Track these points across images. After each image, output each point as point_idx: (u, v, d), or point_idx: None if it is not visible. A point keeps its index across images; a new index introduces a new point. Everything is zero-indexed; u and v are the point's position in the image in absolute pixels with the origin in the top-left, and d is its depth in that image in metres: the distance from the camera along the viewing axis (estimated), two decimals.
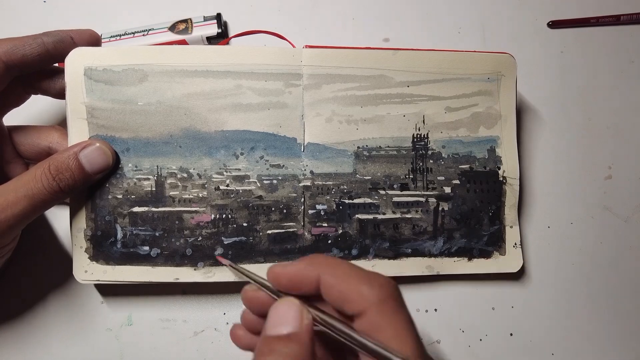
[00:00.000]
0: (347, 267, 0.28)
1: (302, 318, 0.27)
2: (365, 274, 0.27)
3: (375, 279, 0.27)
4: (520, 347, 0.44)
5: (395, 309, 0.26)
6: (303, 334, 0.26)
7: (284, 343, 0.26)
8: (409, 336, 0.25)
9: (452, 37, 0.50)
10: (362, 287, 0.26)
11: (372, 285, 0.26)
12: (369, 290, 0.26)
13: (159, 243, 0.39)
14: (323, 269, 0.28)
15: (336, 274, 0.27)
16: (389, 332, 0.25)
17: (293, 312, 0.27)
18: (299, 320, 0.27)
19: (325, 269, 0.27)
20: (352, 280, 0.27)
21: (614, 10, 0.52)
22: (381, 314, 0.25)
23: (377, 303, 0.26)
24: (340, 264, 0.28)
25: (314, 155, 0.40)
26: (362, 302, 0.26)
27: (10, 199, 0.32)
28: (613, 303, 0.46)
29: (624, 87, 0.50)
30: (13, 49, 0.34)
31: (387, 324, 0.25)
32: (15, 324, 0.42)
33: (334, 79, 0.40)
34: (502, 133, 0.43)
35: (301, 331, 0.26)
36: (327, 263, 0.28)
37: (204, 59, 0.39)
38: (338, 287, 0.27)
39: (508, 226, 0.43)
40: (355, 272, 0.27)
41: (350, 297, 0.26)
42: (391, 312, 0.26)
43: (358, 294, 0.26)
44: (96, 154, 0.36)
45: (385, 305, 0.26)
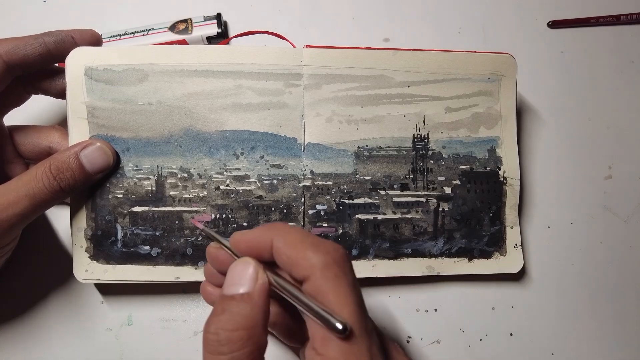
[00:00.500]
0: (297, 234, 0.28)
1: (256, 279, 0.28)
2: (313, 240, 0.28)
3: (322, 245, 0.27)
4: (520, 347, 0.44)
5: (339, 274, 0.26)
6: (256, 294, 0.27)
7: (236, 302, 0.27)
8: (350, 300, 0.26)
9: (452, 37, 0.50)
10: (307, 252, 0.27)
11: (317, 250, 0.27)
12: (313, 255, 0.26)
13: (159, 242, 0.39)
14: (276, 235, 0.28)
15: (286, 240, 0.28)
16: (330, 296, 0.26)
17: (248, 273, 0.28)
18: (253, 281, 0.27)
19: (278, 235, 0.28)
20: (300, 246, 0.27)
21: (614, 10, 0.52)
22: (324, 279, 0.26)
23: (321, 268, 0.26)
24: (292, 231, 0.28)
25: (314, 155, 0.40)
26: (307, 267, 0.26)
27: (11, 199, 0.32)
28: (613, 303, 0.46)
29: (624, 87, 0.50)
30: (14, 48, 0.35)
31: (329, 288, 0.26)
32: (15, 323, 0.42)
33: (334, 79, 0.40)
34: (502, 133, 0.43)
35: (254, 291, 0.27)
36: (280, 229, 0.28)
37: (204, 59, 0.39)
38: (286, 252, 0.27)
39: (508, 227, 0.43)
40: (304, 238, 0.28)
41: (297, 262, 0.27)
42: (334, 277, 0.26)
43: (304, 259, 0.27)
44: (97, 153, 0.36)
45: (328, 271, 0.26)
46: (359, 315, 0.26)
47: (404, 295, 0.44)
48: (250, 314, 0.26)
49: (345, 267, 0.27)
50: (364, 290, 0.43)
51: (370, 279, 0.41)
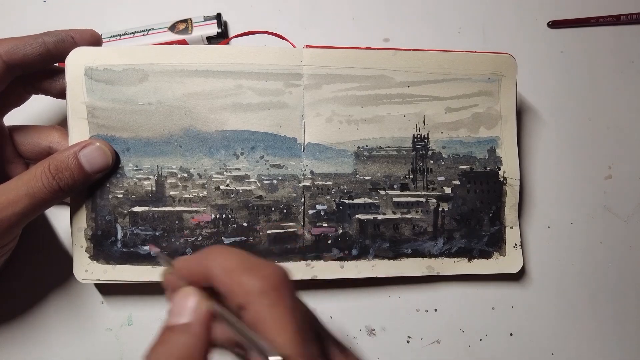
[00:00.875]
0: (234, 259, 0.27)
1: (196, 309, 0.27)
2: (251, 264, 0.27)
3: (260, 269, 0.26)
4: (520, 347, 0.44)
5: (276, 301, 0.25)
6: (196, 325, 0.26)
7: (175, 333, 0.26)
8: (288, 328, 0.25)
9: (452, 37, 0.50)
10: (243, 278, 0.26)
11: (253, 276, 0.26)
12: (249, 281, 0.25)
13: (159, 243, 0.39)
14: (212, 261, 0.27)
15: (222, 266, 0.27)
16: (268, 323, 0.25)
17: (189, 303, 0.27)
18: (193, 311, 0.27)
19: (214, 261, 0.27)
20: (236, 272, 0.26)
21: (614, 10, 0.52)
22: (261, 306, 0.25)
23: (257, 295, 0.25)
24: (228, 256, 0.27)
25: (314, 155, 0.40)
26: (243, 294, 0.25)
27: (11, 198, 0.32)
28: (613, 303, 0.46)
29: (624, 87, 0.50)
30: (14, 48, 0.35)
31: (266, 315, 0.25)
32: (15, 323, 0.42)
33: (334, 79, 0.40)
34: (502, 133, 0.43)
35: (193, 322, 0.26)
36: (217, 254, 0.27)
37: (204, 59, 0.39)
38: (223, 279, 0.26)
39: (508, 227, 0.43)
40: (241, 263, 0.27)
41: (233, 289, 0.26)
42: (271, 304, 0.25)
43: (240, 286, 0.26)
44: (96, 153, 0.36)
45: (265, 297, 0.25)
46: (298, 343, 0.25)
47: (404, 295, 0.44)
48: (188, 345, 0.26)
49: (284, 291, 0.26)
50: (364, 291, 0.44)
51: (370, 279, 0.41)
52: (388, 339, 0.43)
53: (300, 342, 0.25)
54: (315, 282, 0.43)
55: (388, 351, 0.43)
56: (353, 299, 0.44)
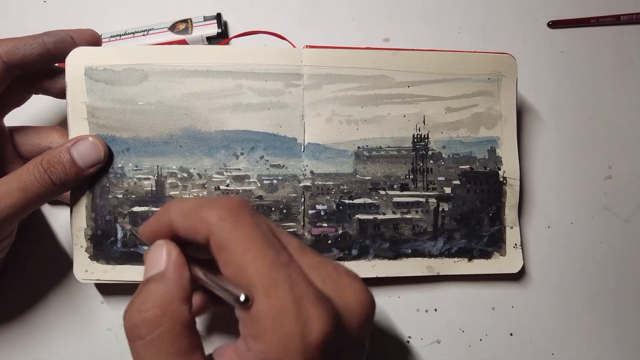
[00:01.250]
0: (191, 202, 0.27)
1: (168, 256, 0.27)
2: (208, 201, 0.27)
3: (216, 201, 0.26)
4: (520, 347, 0.44)
5: (237, 223, 0.25)
6: (169, 270, 0.26)
7: (151, 283, 0.26)
8: (254, 245, 0.24)
9: (452, 37, 0.50)
10: (202, 212, 0.26)
11: (211, 207, 0.26)
12: (208, 213, 0.25)
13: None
14: (171, 212, 0.27)
15: (181, 211, 0.27)
16: (233, 245, 0.24)
17: (160, 254, 0.27)
18: (165, 259, 0.27)
19: (173, 211, 0.27)
20: (195, 211, 0.26)
21: (614, 10, 0.52)
22: (222, 233, 0.25)
23: (218, 222, 0.25)
24: (186, 201, 0.27)
25: (314, 156, 0.40)
26: (205, 227, 0.25)
27: (3, 191, 0.32)
28: (613, 303, 0.46)
29: (624, 87, 0.50)
30: (14, 49, 0.35)
31: (229, 241, 0.24)
32: (15, 323, 0.42)
33: (334, 79, 0.40)
34: (502, 133, 0.43)
35: (168, 268, 0.27)
36: (175, 204, 0.27)
37: (204, 59, 0.39)
38: (183, 223, 0.26)
39: (508, 227, 0.43)
40: (198, 202, 0.27)
41: (195, 227, 0.26)
42: (232, 227, 0.25)
43: (200, 221, 0.26)
44: (88, 148, 0.36)
45: (225, 223, 0.25)
46: (267, 265, 0.24)
47: (404, 295, 0.44)
48: (162, 291, 0.26)
49: (242, 213, 0.26)
50: None
51: (370, 279, 0.41)
52: (388, 339, 0.43)
53: (269, 263, 0.24)
54: None
55: (388, 351, 0.43)
56: None
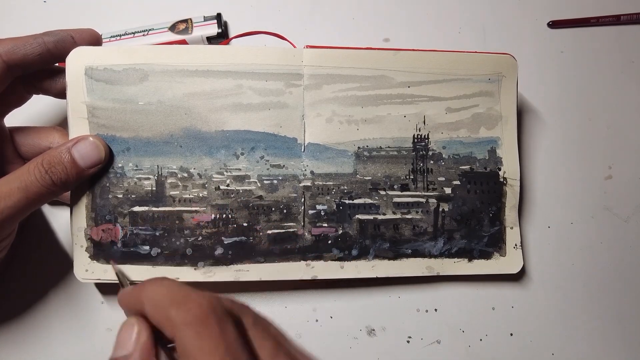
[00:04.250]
0: (163, 292, 0.26)
1: (137, 340, 0.26)
2: (180, 296, 0.26)
3: (186, 301, 0.25)
4: (520, 347, 0.44)
5: (201, 332, 0.24)
6: (134, 357, 0.26)
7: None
8: (213, 358, 0.24)
9: (453, 37, 0.50)
10: (171, 311, 0.25)
11: (179, 308, 0.25)
12: (176, 314, 0.25)
13: (159, 243, 0.39)
14: (145, 295, 0.27)
15: (153, 301, 0.26)
16: (194, 355, 0.24)
17: (131, 334, 0.27)
18: (133, 343, 0.26)
19: (146, 297, 0.27)
20: (165, 306, 0.25)
21: (614, 10, 0.52)
22: (186, 339, 0.24)
23: (182, 327, 0.24)
24: (158, 290, 0.26)
25: (315, 156, 0.40)
26: (171, 328, 0.25)
27: (4, 191, 0.32)
28: (613, 303, 0.46)
29: (624, 87, 0.50)
30: (14, 48, 0.34)
31: (191, 348, 0.24)
32: (15, 323, 0.42)
33: (334, 79, 0.40)
34: (502, 134, 0.43)
35: (134, 354, 0.26)
36: (149, 289, 0.27)
37: (205, 59, 0.39)
38: (153, 315, 0.26)
39: (508, 227, 0.43)
40: (169, 295, 0.26)
41: (163, 324, 0.25)
42: (196, 336, 0.24)
43: (167, 320, 0.25)
44: (89, 148, 0.36)
45: (190, 329, 0.24)
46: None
47: (404, 295, 0.44)
48: None
49: (209, 321, 0.25)
50: (364, 291, 0.44)
51: (370, 279, 0.41)
52: (388, 339, 0.43)
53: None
54: (315, 282, 0.43)
55: (388, 351, 0.43)
56: (353, 299, 0.44)
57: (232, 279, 0.39)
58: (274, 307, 0.43)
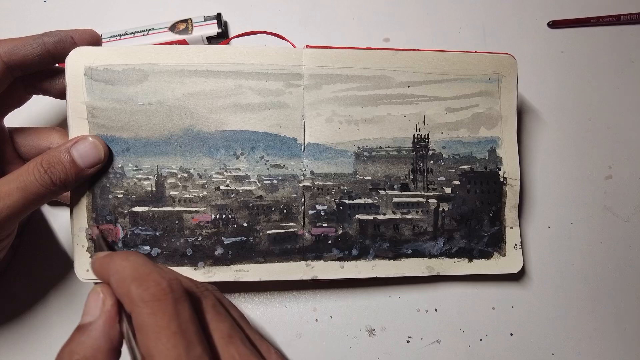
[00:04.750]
0: (128, 267, 0.27)
1: (102, 307, 0.27)
2: (142, 273, 0.26)
3: (146, 279, 0.26)
4: (520, 347, 0.44)
5: (156, 310, 0.25)
6: (99, 322, 0.27)
7: (80, 332, 0.27)
8: (165, 337, 0.25)
9: (453, 37, 0.51)
10: (130, 287, 0.26)
11: (138, 286, 0.26)
12: (135, 290, 0.26)
13: (159, 243, 0.39)
14: (112, 267, 0.27)
15: (117, 275, 0.27)
16: (147, 332, 0.25)
17: (96, 301, 0.28)
18: (98, 309, 0.27)
19: (113, 268, 0.27)
20: (126, 281, 0.26)
21: (614, 10, 0.52)
22: (142, 315, 0.25)
23: (139, 304, 0.25)
24: (124, 263, 0.27)
25: (315, 156, 0.40)
26: (129, 304, 0.26)
27: (3, 191, 0.32)
28: (613, 303, 0.46)
29: (624, 87, 0.50)
30: (14, 49, 0.35)
31: (145, 325, 0.25)
32: (15, 323, 0.42)
33: (334, 79, 0.40)
34: (502, 134, 0.43)
35: (97, 320, 0.27)
36: (117, 261, 0.27)
37: (205, 59, 0.39)
38: (115, 287, 0.27)
39: (508, 227, 0.43)
40: (133, 271, 0.26)
41: (123, 299, 0.26)
42: (150, 314, 0.25)
43: (127, 296, 0.26)
44: (88, 148, 0.36)
45: (147, 306, 0.25)
46: (173, 352, 0.24)
47: (404, 295, 0.44)
48: (90, 343, 0.26)
49: (166, 300, 0.26)
50: (364, 291, 0.44)
51: (370, 279, 0.41)
52: (388, 339, 0.43)
53: (177, 349, 0.25)
54: (315, 282, 0.43)
55: (388, 351, 0.43)
56: (353, 299, 0.44)
57: (232, 279, 0.39)
58: (274, 307, 0.43)
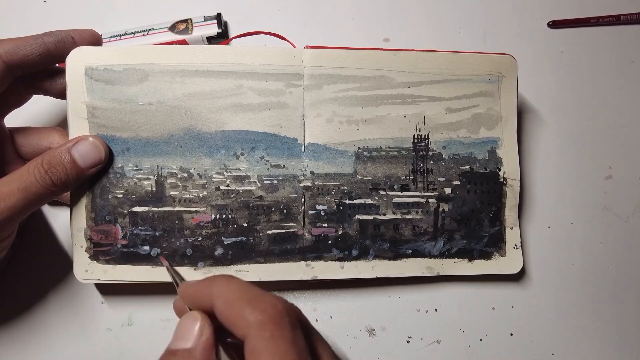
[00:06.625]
0: (236, 290, 0.27)
1: (200, 335, 0.27)
2: (253, 296, 0.26)
3: (260, 302, 0.26)
4: (520, 347, 0.44)
5: (275, 334, 0.25)
6: (198, 350, 0.27)
7: (175, 357, 0.27)
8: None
9: (453, 37, 0.50)
10: (244, 310, 0.26)
11: (254, 308, 0.26)
12: (250, 313, 0.25)
13: (159, 243, 0.39)
14: (215, 291, 0.27)
15: (224, 297, 0.27)
16: (264, 357, 0.24)
17: (192, 328, 0.27)
18: (196, 337, 0.27)
19: (217, 292, 0.27)
20: (237, 304, 0.26)
21: (614, 10, 0.52)
22: (259, 339, 0.25)
23: (256, 327, 0.25)
24: (231, 287, 0.27)
25: (315, 156, 0.40)
26: (244, 327, 0.25)
27: (4, 192, 0.32)
28: (613, 303, 0.46)
29: (624, 87, 0.50)
30: (14, 49, 0.35)
31: (264, 349, 0.24)
32: (15, 323, 0.42)
33: (334, 80, 0.40)
34: (502, 134, 0.43)
35: (196, 348, 0.27)
36: (221, 285, 0.27)
37: (205, 59, 0.39)
38: (224, 311, 0.26)
39: (508, 227, 0.43)
40: (243, 294, 0.26)
41: (234, 322, 0.26)
42: (269, 337, 0.25)
43: (240, 319, 0.26)
44: (89, 148, 0.36)
45: (264, 330, 0.25)
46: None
47: (404, 295, 0.44)
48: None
49: (283, 324, 0.26)
50: (364, 291, 0.44)
51: (370, 279, 0.41)
52: (388, 339, 0.43)
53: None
54: (315, 282, 0.43)
55: (388, 351, 0.43)
56: (353, 299, 0.44)
57: None
58: None
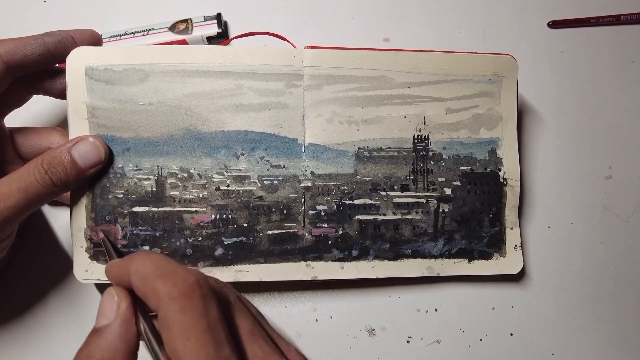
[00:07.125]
0: (151, 264, 0.27)
1: (117, 309, 0.27)
2: (166, 270, 0.26)
3: (172, 275, 0.26)
4: (520, 347, 0.44)
5: (184, 307, 0.25)
6: (115, 325, 0.27)
7: (96, 335, 0.27)
8: (194, 335, 0.24)
9: (453, 37, 0.50)
10: (156, 284, 0.25)
11: (165, 282, 0.25)
12: (161, 287, 0.25)
13: (159, 243, 0.39)
14: (132, 266, 0.27)
15: (139, 272, 0.27)
16: (174, 330, 0.24)
17: (110, 303, 0.27)
18: (114, 312, 0.27)
19: (133, 267, 0.27)
20: (150, 278, 0.26)
21: (614, 10, 0.52)
22: (169, 312, 0.25)
23: (167, 300, 0.25)
24: (146, 261, 0.27)
25: (315, 156, 0.40)
26: (155, 300, 0.25)
27: (4, 192, 0.32)
28: (613, 303, 0.46)
29: (624, 87, 0.50)
30: (14, 49, 0.34)
31: (173, 322, 0.24)
32: (15, 323, 0.42)
33: (335, 80, 0.40)
34: (503, 134, 0.43)
35: (113, 323, 0.27)
36: (137, 260, 0.27)
37: (205, 59, 0.39)
38: (139, 285, 0.26)
39: (508, 228, 0.43)
40: (157, 268, 0.26)
41: (147, 295, 0.26)
42: (178, 311, 0.25)
43: (152, 292, 0.25)
44: (89, 148, 0.36)
45: (174, 303, 0.25)
46: (203, 351, 0.24)
47: (404, 295, 0.44)
48: (107, 345, 0.26)
49: (194, 297, 0.25)
50: (364, 291, 0.44)
51: (370, 279, 0.41)
52: (388, 339, 0.43)
53: (207, 348, 0.24)
54: (315, 283, 0.43)
55: (388, 351, 0.43)
56: (353, 299, 0.44)
57: (232, 280, 0.39)
58: (274, 307, 0.43)
